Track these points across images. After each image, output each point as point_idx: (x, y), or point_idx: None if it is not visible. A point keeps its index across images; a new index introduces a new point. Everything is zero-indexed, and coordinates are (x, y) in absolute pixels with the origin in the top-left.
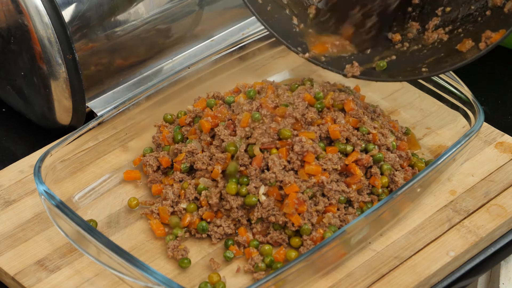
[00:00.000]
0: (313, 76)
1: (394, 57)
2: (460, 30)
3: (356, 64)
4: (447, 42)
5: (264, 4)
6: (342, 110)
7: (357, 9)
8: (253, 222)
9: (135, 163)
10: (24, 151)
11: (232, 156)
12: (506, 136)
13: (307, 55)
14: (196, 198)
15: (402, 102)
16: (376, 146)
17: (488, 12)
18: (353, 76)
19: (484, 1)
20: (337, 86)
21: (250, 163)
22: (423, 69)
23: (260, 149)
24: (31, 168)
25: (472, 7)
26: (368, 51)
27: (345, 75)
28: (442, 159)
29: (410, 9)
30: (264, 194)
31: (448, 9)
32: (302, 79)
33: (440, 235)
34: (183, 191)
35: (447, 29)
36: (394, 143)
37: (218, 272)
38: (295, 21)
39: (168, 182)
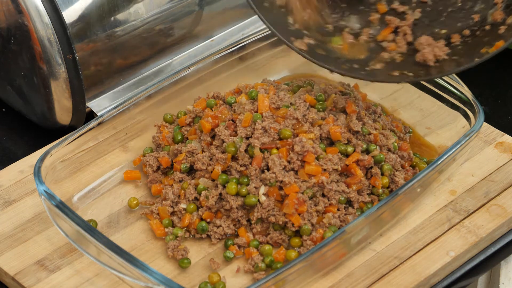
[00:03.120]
0: (313, 78)
1: (392, 59)
2: (458, 43)
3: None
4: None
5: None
6: (344, 111)
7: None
8: (253, 222)
9: (135, 163)
10: (24, 151)
11: (232, 157)
12: (506, 136)
13: (299, 43)
14: (196, 198)
15: (402, 102)
16: (377, 147)
17: (487, 27)
18: (351, 75)
19: (484, 16)
20: (338, 89)
21: (250, 163)
22: (420, 72)
23: (260, 149)
24: (31, 168)
25: (471, 22)
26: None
27: (342, 74)
28: (442, 159)
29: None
30: (264, 194)
31: (444, 29)
32: (304, 81)
33: (440, 235)
34: (183, 191)
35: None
36: (396, 144)
37: (218, 272)
38: (290, 20)
39: (168, 182)
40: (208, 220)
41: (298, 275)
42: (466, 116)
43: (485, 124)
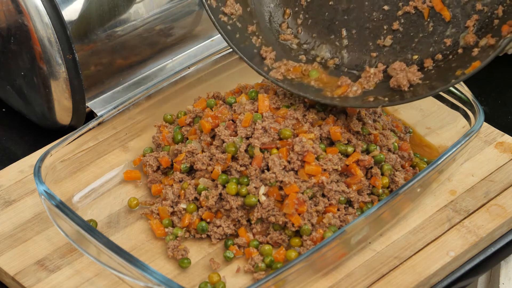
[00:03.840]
0: None
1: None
2: (431, 68)
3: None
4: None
5: (232, 31)
6: (344, 111)
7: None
8: (253, 222)
9: (135, 163)
10: (24, 151)
11: (232, 157)
12: (506, 136)
13: (273, 75)
14: (196, 198)
15: None
16: (377, 147)
17: (460, 50)
18: (327, 103)
19: (456, 40)
20: None
21: (250, 163)
22: (395, 97)
23: (260, 149)
24: (31, 168)
25: (443, 46)
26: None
27: (319, 101)
28: (442, 159)
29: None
30: (264, 194)
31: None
32: None
33: (440, 235)
34: (183, 191)
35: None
36: (396, 144)
37: (218, 272)
38: (263, 51)
39: (168, 182)
40: (208, 220)
41: (298, 275)
42: (466, 116)
43: (485, 124)
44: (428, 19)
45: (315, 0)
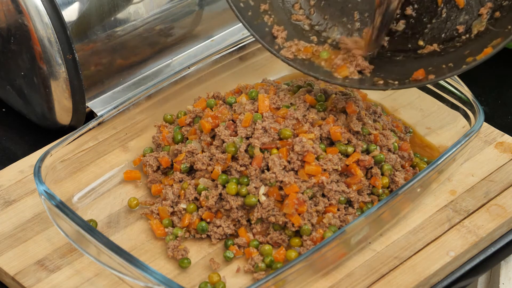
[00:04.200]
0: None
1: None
2: (443, 53)
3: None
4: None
5: (245, 8)
6: (344, 111)
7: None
8: (253, 222)
9: (135, 163)
10: (24, 151)
11: (232, 157)
12: (506, 136)
13: (284, 53)
14: (196, 199)
15: (402, 102)
16: (377, 147)
17: (472, 37)
18: (336, 83)
19: (468, 27)
20: (338, 89)
21: (250, 163)
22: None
23: (260, 149)
24: (31, 168)
25: (455, 33)
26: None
27: (327, 81)
28: (442, 159)
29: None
30: (264, 194)
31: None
32: (304, 81)
33: (440, 235)
34: (183, 191)
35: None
36: (396, 144)
37: (218, 272)
38: (275, 30)
39: (168, 182)
40: (208, 220)
41: (298, 275)
42: (466, 116)
43: (485, 124)
44: (442, 5)
45: None
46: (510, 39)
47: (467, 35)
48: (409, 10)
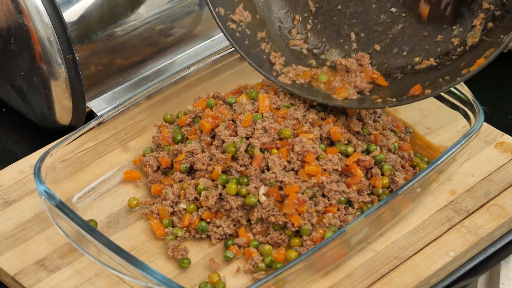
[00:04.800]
0: None
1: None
2: (439, 67)
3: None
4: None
5: (241, 38)
6: (344, 111)
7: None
8: (253, 222)
9: (135, 163)
10: (24, 151)
11: (232, 157)
12: (506, 136)
13: (282, 79)
14: (196, 199)
15: None
16: (377, 147)
17: (467, 49)
18: (337, 105)
19: (463, 39)
20: None
21: (250, 163)
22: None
23: (260, 149)
24: (31, 168)
25: (451, 46)
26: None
27: (328, 105)
28: (442, 159)
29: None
30: (264, 194)
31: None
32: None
33: (440, 235)
34: (183, 191)
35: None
36: (396, 144)
37: (218, 272)
38: (272, 57)
39: (168, 182)
40: (208, 220)
41: (298, 275)
42: (466, 116)
43: (485, 124)
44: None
45: (324, 5)
46: (502, 49)
47: (462, 47)
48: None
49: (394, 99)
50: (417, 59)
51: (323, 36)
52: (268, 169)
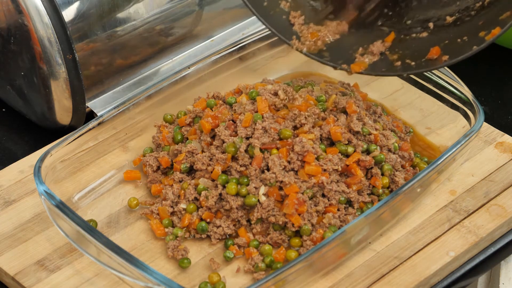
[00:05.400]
0: (313, 76)
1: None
2: (456, 24)
3: (361, 59)
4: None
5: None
6: (344, 111)
7: None
8: (253, 222)
9: (135, 163)
10: (24, 151)
11: (232, 157)
12: (506, 136)
13: (305, 49)
14: (196, 199)
15: (402, 102)
16: (377, 147)
17: (485, 6)
18: (358, 72)
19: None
20: (338, 89)
21: (250, 163)
22: (423, 62)
23: (260, 149)
24: (31, 168)
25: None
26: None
27: (348, 71)
28: (442, 159)
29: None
30: (264, 194)
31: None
32: (304, 82)
33: (440, 235)
34: (182, 191)
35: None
36: (396, 144)
37: (218, 272)
38: (292, 16)
39: (168, 182)
40: (208, 220)
41: (298, 275)
42: (466, 116)
43: (485, 124)
44: None
45: None
46: None
47: (481, 2)
48: None
49: (413, 63)
50: (436, 12)
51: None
52: (268, 169)
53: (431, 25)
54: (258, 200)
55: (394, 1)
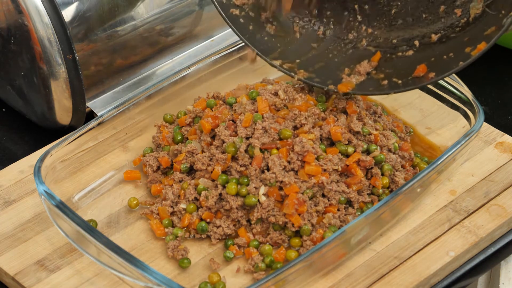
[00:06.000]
0: None
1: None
2: (441, 42)
3: (348, 79)
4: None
5: (245, 23)
6: (344, 111)
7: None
8: (253, 222)
9: (135, 163)
10: (24, 151)
11: (232, 157)
12: (506, 136)
13: (296, 77)
14: (196, 199)
15: (402, 102)
16: (378, 147)
17: (470, 21)
18: (346, 93)
19: (466, 10)
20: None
21: (250, 163)
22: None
23: (260, 149)
24: (31, 168)
25: (454, 17)
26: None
27: (336, 91)
28: (442, 159)
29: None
30: (264, 194)
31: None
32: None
33: (440, 235)
34: (182, 191)
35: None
36: (396, 144)
37: (218, 272)
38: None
39: (168, 182)
40: (208, 220)
41: (298, 275)
42: (466, 116)
43: (485, 124)
44: None
45: None
46: (502, 32)
47: (465, 19)
48: None
49: (400, 81)
50: (422, 30)
51: (328, 9)
52: (268, 169)
53: (416, 43)
54: (258, 200)
55: (378, 21)
